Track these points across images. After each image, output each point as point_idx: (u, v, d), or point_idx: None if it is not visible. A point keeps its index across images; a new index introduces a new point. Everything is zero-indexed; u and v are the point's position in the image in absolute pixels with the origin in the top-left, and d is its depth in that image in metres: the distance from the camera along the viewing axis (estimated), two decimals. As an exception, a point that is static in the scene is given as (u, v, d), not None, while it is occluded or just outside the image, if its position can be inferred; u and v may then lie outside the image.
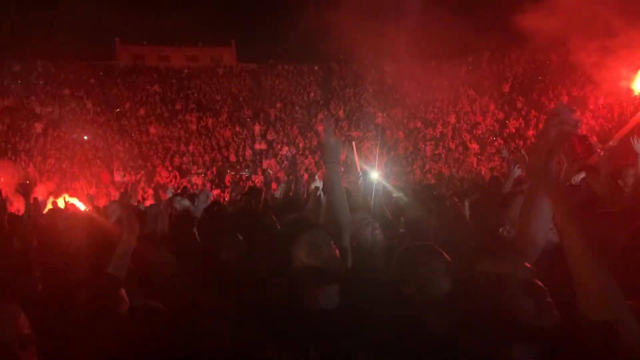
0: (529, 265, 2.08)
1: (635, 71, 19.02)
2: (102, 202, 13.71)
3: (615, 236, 2.50)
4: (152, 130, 23.30)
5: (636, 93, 19.42)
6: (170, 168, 20.24)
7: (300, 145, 21.97)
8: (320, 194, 4.84)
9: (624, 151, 5.46)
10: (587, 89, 20.91)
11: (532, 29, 19.03)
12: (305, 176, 17.29)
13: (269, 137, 22.87)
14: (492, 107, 22.75)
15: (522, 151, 18.92)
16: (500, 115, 22.01)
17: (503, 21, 18.02)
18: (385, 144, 21.23)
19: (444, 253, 2.35)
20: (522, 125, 20.68)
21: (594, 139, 4.78)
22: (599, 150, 4.96)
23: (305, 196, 8.01)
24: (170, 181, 19.02)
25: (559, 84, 22.46)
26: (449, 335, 1.95)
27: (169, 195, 8.13)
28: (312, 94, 26.86)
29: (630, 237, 2.49)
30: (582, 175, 4.99)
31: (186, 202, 5.64)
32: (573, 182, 5.25)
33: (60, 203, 9.89)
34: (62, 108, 24.22)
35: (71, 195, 12.08)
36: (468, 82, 25.63)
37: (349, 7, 21.77)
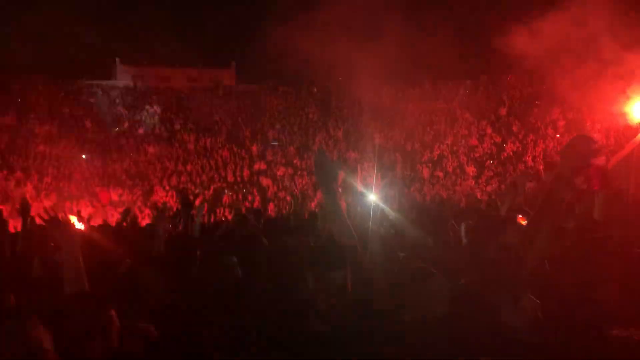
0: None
1: (631, 95, 19.19)
2: (99, 221, 13.64)
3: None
4: (150, 149, 23.36)
5: (632, 118, 19.56)
6: (167, 187, 20.22)
7: (298, 165, 22.01)
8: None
9: (619, 176, 5.48)
10: (583, 112, 21.06)
11: (527, 53, 19.25)
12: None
13: (268, 158, 22.92)
14: (489, 130, 22.87)
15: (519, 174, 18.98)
16: (498, 139, 22.12)
17: (499, 45, 18.21)
18: (383, 166, 21.26)
19: (442, 276, 2.34)
20: (520, 149, 20.78)
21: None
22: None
23: (306, 216, 8.00)
24: (168, 201, 18.98)
25: (555, 108, 22.62)
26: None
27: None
28: (310, 115, 27.00)
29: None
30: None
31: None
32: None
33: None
34: (61, 127, 24.30)
35: (68, 214, 12.04)
36: (465, 105, 25.83)
37: (348, 30, 22.02)
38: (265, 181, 21.11)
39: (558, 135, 21.01)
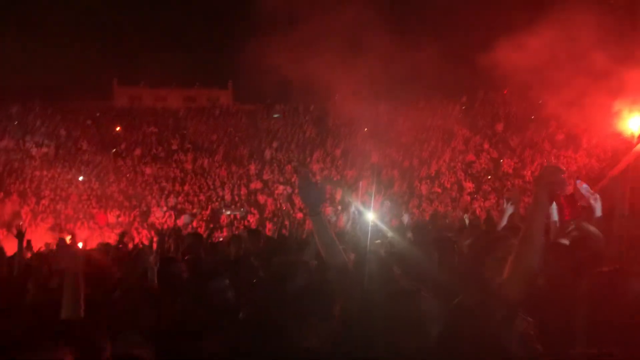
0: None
1: (628, 110, 19.33)
2: (95, 244, 13.57)
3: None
4: (147, 170, 23.35)
5: (628, 133, 19.68)
6: (165, 208, 20.17)
7: (296, 183, 21.99)
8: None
9: (615, 192, 5.47)
10: (580, 127, 21.15)
11: (523, 68, 19.41)
12: (300, 215, 17.25)
13: (265, 177, 22.91)
14: (486, 145, 22.93)
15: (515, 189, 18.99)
16: (495, 154, 22.18)
17: (495, 61, 18.36)
18: (380, 183, 21.27)
19: (435, 296, 2.33)
20: (518, 164, 20.83)
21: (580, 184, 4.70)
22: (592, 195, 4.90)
23: (304, 237, 7.96)
24: (165, 221, 18.92)
25: (552, 123, 22.73)
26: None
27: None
28: (307, 133, 27.07)
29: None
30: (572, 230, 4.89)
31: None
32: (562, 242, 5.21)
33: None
34: (57, 149, 24.33)
35: (65, 237, 11.98)
36: (461, 121, 25.95)
37: (344, 49, 22.19)
38: (263, 200, 21.08)
39: (555, 150, 21.11)
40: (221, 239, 13.39)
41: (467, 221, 8.60)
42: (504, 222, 5.80)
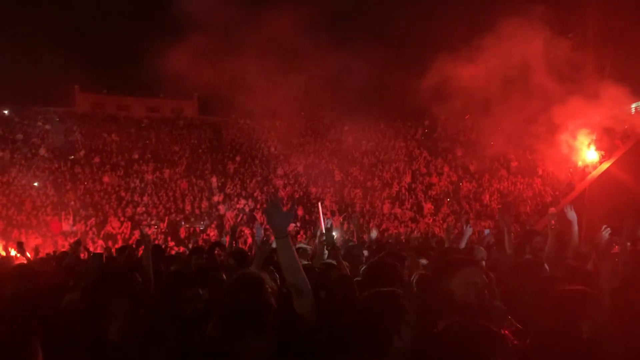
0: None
1: (581, 140, 20.19)
2: (48, 251, 13.15)
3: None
4: (105, 179, 22.82)
5: (583, 162, 20.52)
6: (122, 218, 19.70)
7: (259, 198, 21.87)
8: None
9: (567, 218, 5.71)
10: (536, 156, 21.90)
11: (484, 95, 20.04)
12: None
13: (227, 190, 22.72)
14: (446, 168, 23.44)
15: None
16: (454, 177, 22.69)
17: (456, 87, 18.92)
18: (343, 201, 21.42)
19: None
20: (478, 188, 21.37)
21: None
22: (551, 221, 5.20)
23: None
24: (122, 232, 18.48)
25: (509, 150, 23.45)
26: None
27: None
28: (272, 149, 27.06)
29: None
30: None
31: None
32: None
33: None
34: (13, 153, 23.56)
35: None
36: (423, 143, 26.55)
37: (311, 66, 22.46)
38: (223, 210, 20.90)
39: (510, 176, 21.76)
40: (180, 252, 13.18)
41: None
42: (464, 243, 5.97)
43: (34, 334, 2.46)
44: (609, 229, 5.56)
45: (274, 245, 3.39)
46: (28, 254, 7.86)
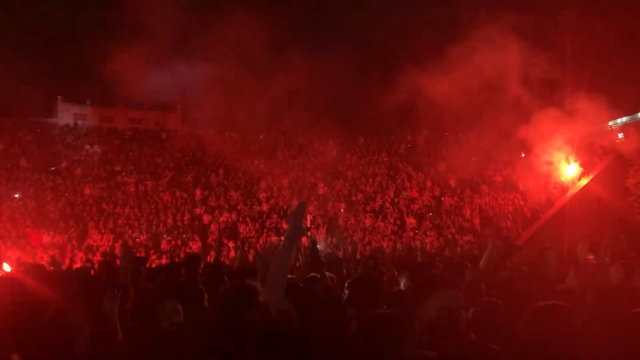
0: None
1: (563, 158, 20.58)
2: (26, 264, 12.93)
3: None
4: (87, 190, 22.56)
5: (562, 178, 20.90)
6: (103, 230, 19.48)
7: (242, 211, 21.80)
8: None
9: (548, 233, 5.83)
10: (517, 172, 22.27)
11: (465, 112, 20.36)
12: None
13: (211, 203, 22.59)
14: (428, 184, 23.66)
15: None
16: (436, 192, 22.90)
17: (439, 103, 19.18)
18: (327, 215, 21.45)
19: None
20: (459, 203, 21.60)
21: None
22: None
23: (250, 259, 7.96)
24: (103, 244, 18.26)
25: (491, 165, 23.80)
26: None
27: None
28: (256, 162, 27.02)
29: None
30: None
31: None
32: None
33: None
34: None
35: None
36: (406, 158, 26.81)
37: (296, 83, 22.64)
38: (207, 220, 20.82)
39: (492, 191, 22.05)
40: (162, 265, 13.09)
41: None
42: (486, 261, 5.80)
43: (14, 349, 2.45)
44: (588, 243, 5.66)
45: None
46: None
